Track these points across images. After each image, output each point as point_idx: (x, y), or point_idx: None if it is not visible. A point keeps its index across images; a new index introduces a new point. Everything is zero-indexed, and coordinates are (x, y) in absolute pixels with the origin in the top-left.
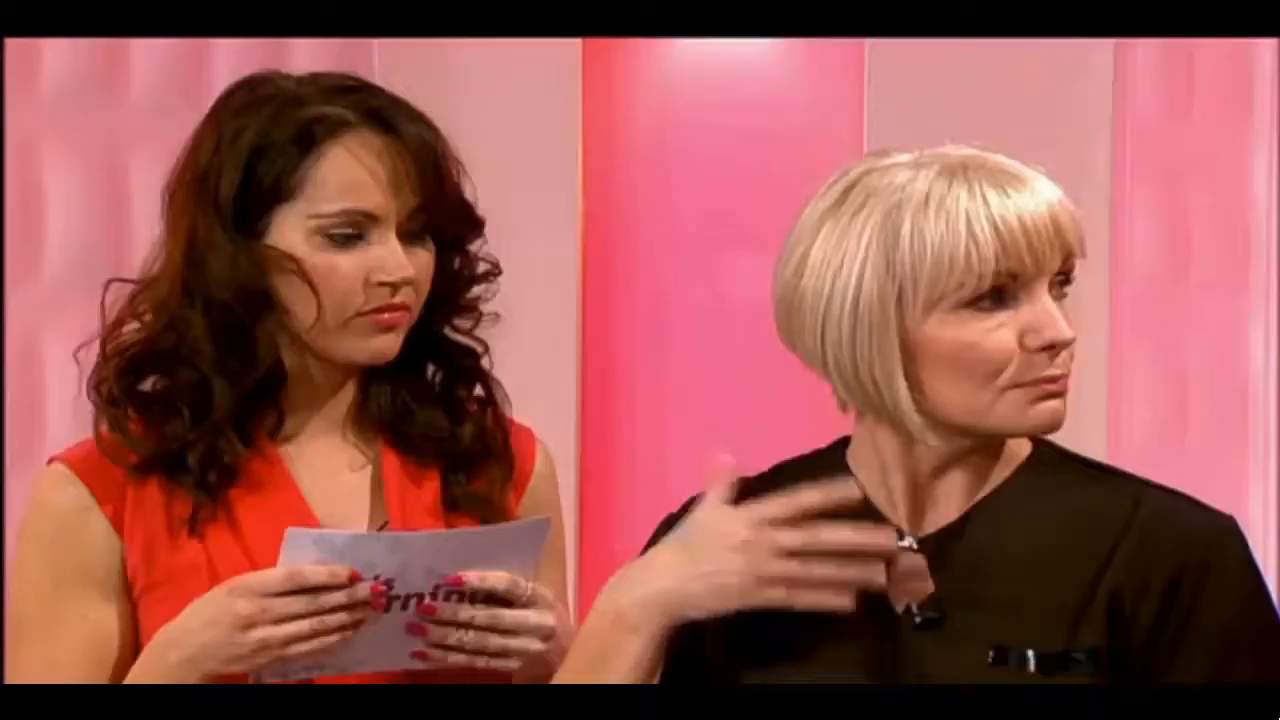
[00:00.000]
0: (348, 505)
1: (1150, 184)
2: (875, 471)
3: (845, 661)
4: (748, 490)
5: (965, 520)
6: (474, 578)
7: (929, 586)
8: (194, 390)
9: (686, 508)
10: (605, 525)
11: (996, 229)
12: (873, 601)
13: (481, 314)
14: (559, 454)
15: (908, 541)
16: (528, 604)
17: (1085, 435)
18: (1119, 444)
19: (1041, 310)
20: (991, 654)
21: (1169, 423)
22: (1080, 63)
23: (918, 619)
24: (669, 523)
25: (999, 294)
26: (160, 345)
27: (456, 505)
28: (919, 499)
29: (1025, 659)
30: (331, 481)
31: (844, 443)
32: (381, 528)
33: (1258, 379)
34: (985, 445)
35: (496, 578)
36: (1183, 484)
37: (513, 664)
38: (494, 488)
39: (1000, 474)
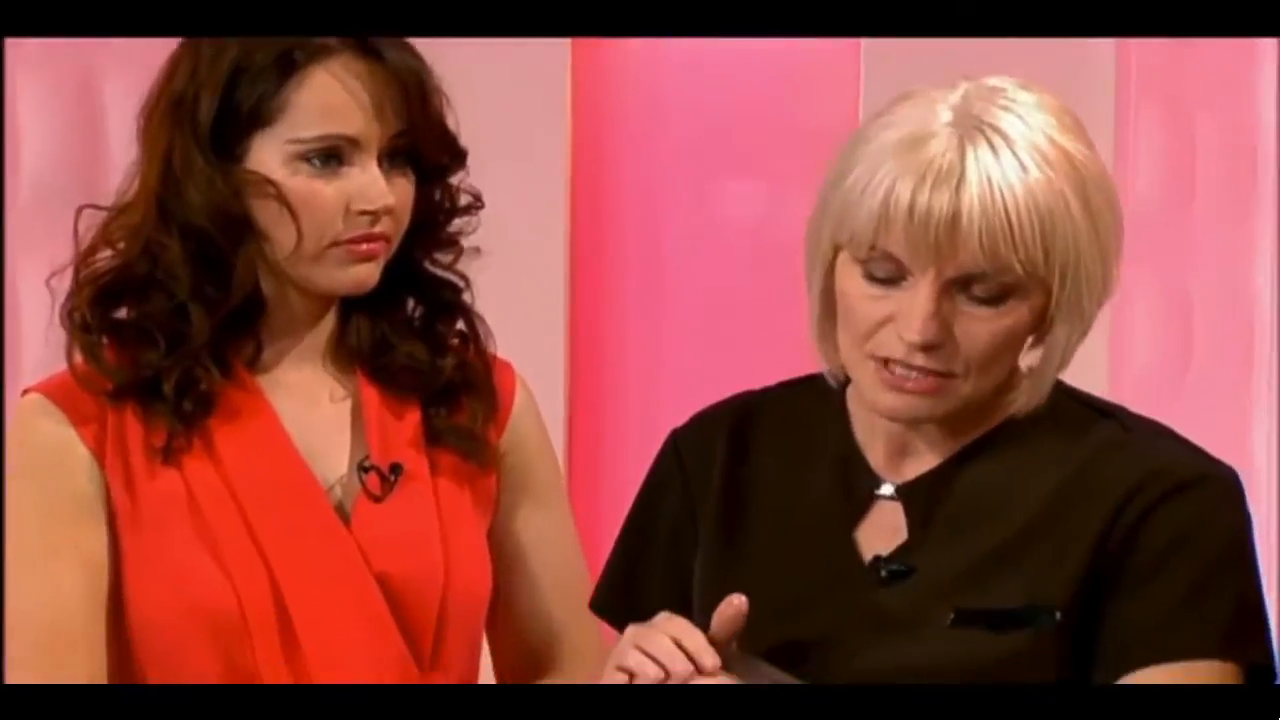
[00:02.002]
0: (327, 437)
1: (1154, 108)
2: (863, 412)
3: (807, 614)
4: (749, 406)
5: (945, 469)
6: None
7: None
8: (170, 317)
9: (693, 424)
10: (594, 462)
11: (886, 205)
12: (841, 552)
13: (462, 248)
14: (547, 390)
15: (886, 489)
16: None
17: (1085, 369)
18: (1120, 378)
19: (914, 301)
20: (953, 615)
21: (1171, 355)
22: (1081, 57)
23: (884, 572)
24: (674, 440)
25: (888, 273)
26: (135, 272)
27: (439, 438)
28: (898, 444)
29: (985, 619)
30: (311, 412)
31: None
32: (363, 461)
33: (1264, 310)
34: (966, 405)
35: None
36: (1185, 419)
37: None
38: (476, 421)
39: (987, 422)
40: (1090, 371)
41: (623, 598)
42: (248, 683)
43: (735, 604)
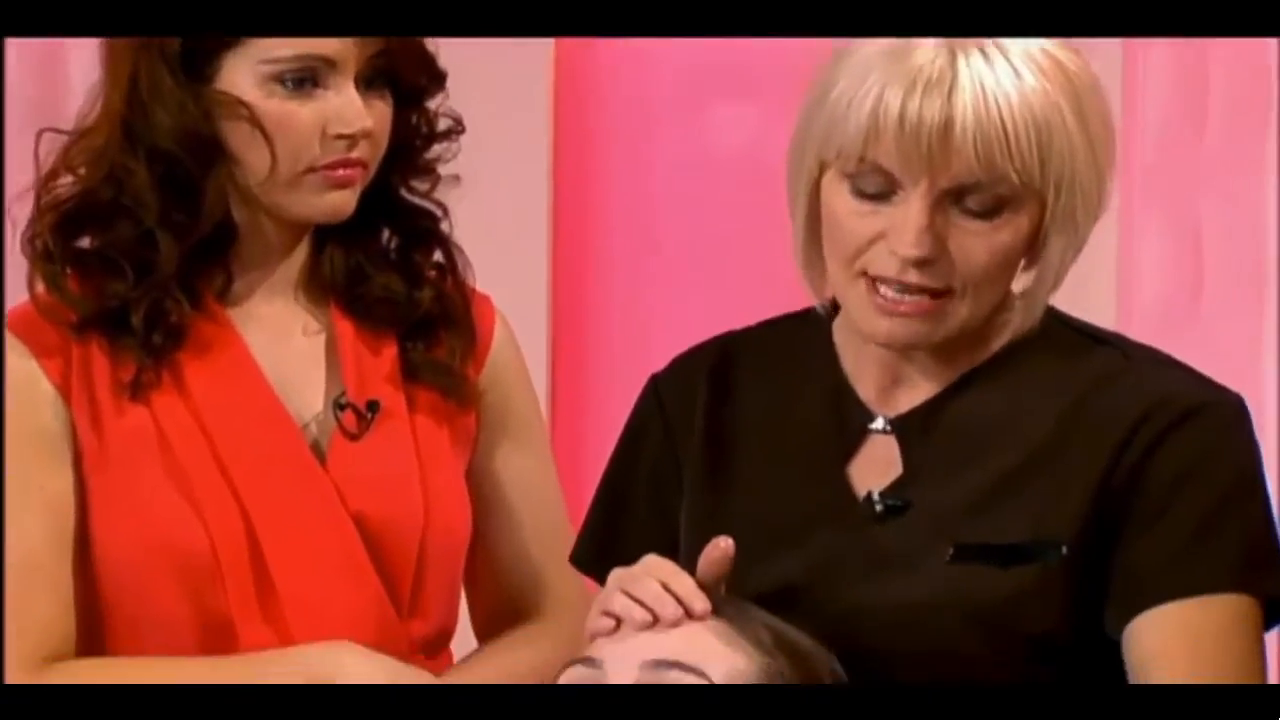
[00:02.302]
0: (301, 371)
1: (1163, 39)
2: (852, 342)
3: (799, 554)
4: (731, 345)
5: (939, 401)
6: None
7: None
8: (136, 245)
9: (673, 367)
10: (578, 402)
11: (875, 115)
12: (833, 489)
13: (440, 175)
14: (528, 325)
15: (878, 423)
16: None
17: (1092, 300)
18: (1128, 314)
19: (905, 215)
20: (952, 550)
21: (1181, 287)
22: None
23: (879, 507)
24: (654, 384)
25: (878, 187)
26: (99, 198)
27: (416, 373)
28: (891, 377)
29: (986, 555)
30: (284, 346)
31: (838, 303)
32: (339, 397)
33: (1276, 240)
34: (961, 329)
35: None
36: (1195, 350)
37: None
38: (454, 356)
39: (985, 352)
40: (1098, 303)
41: (604, 550)
42: (218, 626)
43: (722, 546)
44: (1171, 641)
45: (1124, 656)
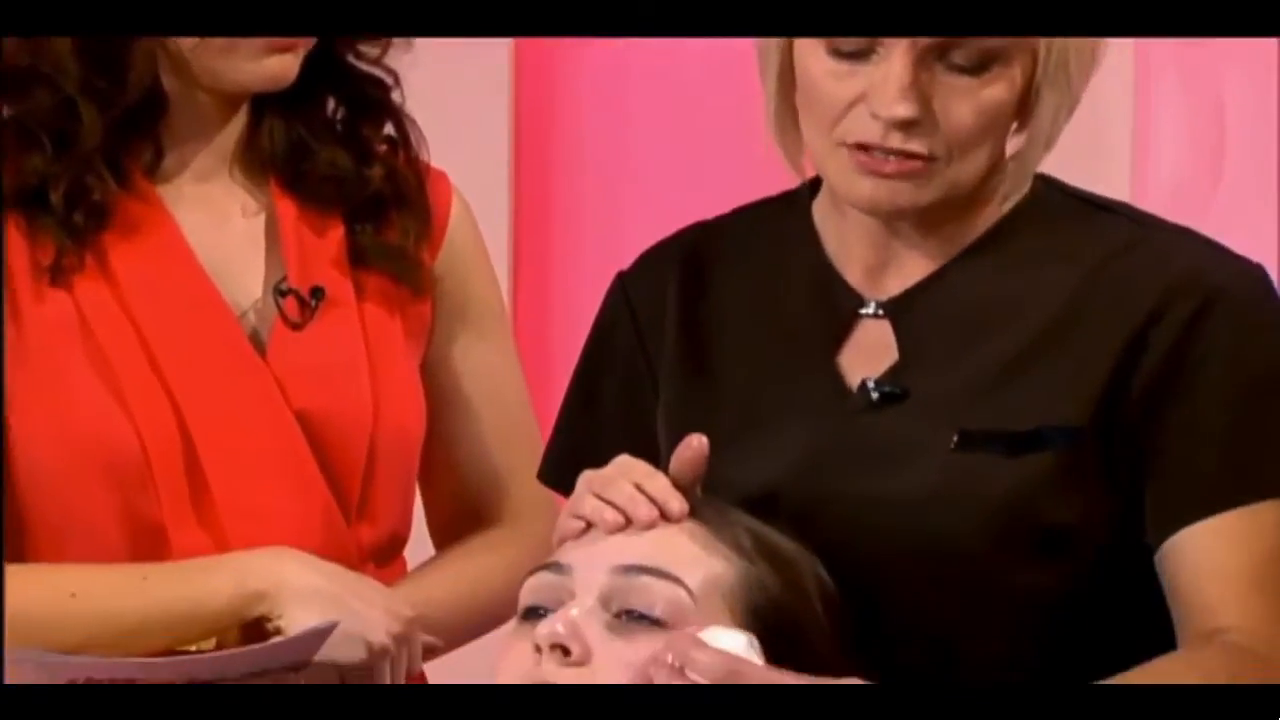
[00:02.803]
0: (238, 256)
1: None
2: (834, 223)
3: (789, 451)
4: (702, 236)
5: (935, 280)
6: None
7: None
8: (56, 115)
9: (641, 263)
10: (542, 291)
11: None
12: (823, 380)
13: (391, 40)
14: (489, 206)
15: (869, 307)
16: None
17: (1107, 182)
18: (1145, 192)
19: (887, 74)
20: (955, 438)
21: (1201, 167)
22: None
23: (875, 394)
24: (621, 283)
25: (856, 45)
26: (14, 63)
27: (364, 257)
28: (880, 257)
29: (993, 441)
30: (219, 228)
31: (816, 185)
32: (280, 283)
33: None
34: (950, 194)
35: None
36: (1214, 236)
37: None
38: (407, 238)
39: (979, 225)
40: (1111, 188)
41: (574, 464)
42: (148, 531)
43: (695, 445)
44: (1228, 558)
45: (1165, 569)
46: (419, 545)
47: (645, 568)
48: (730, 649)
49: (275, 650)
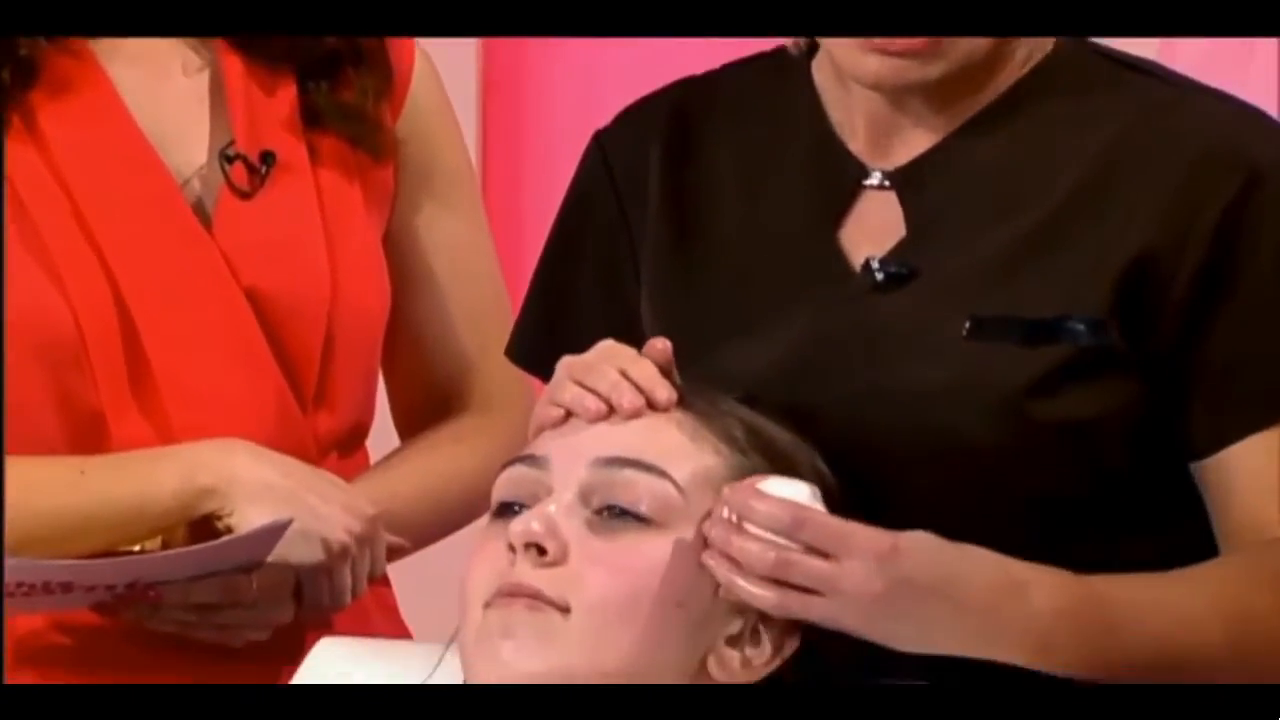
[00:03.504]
0: (180, 117)
1: None
2: (836, 85)
3: (785, 335)
4: (689, 93)
5: (947, 146)
6: (175, 596)
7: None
8: None
9: (621, 121)
10: (513, 156)
11: None
12: (823, 257)
13: None
14: (455, 64)
15: (874, 177)
16: (253, 603)
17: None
18: (1171, 54)
19: None
20: (967, 325)
21: (1233, 43)
22: None
23: (880, 275)
24: (599, 144)
25: None
26: None
27: (320, 120)
28: (887, 123)
29: (1008, 329)
30: (159, 87)
31: (813, 45)
32: (226, 148)
33: None
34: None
35: (205, 591)
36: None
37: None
38: (365, 98)
39: (997, 87)
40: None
41: (547, 342)
42: (86, 420)
43: (659, 348)
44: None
45: (1213, 482)
46: (382, 435)
47: (629, 460)
48: (792, 498)
49: (224, 550)
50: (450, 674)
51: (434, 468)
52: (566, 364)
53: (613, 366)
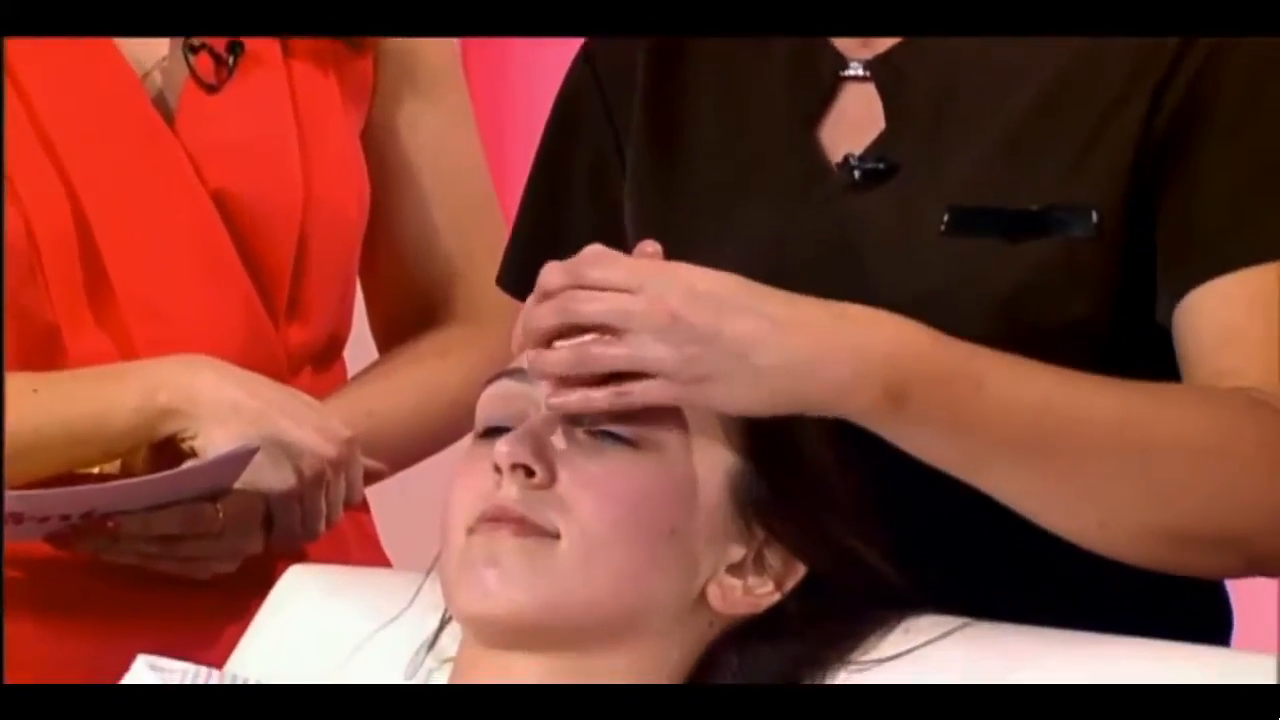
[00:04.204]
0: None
1: None
2: None
3: (765, 238)
4: None
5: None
6: (135, 526)
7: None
8: None
9: None
10: (500, 49)
11: None
12: (803, 155)
13: None
14: None
15: (853, 68)
16: (219, 533)
17: None
18: None
19: None
20: (945, 219)
21: None
22: None
23: (858, 172)
24: (586, 55)
25: None
26: None
27: None
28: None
29: (990, 223)
30: None
31: None
32: (190, 36)
33: None
34: None
35: (167, 520)
36: None
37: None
38: None
39: None
40: None
41: (539, 266)
42: (40, 334)
43: (649, 251)
44: (1247, 320)
45: (1176, 334)
46: (360, 349)
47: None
48: None
49: (188, 477)
50: (430, 605)
51: (415, 383)
52: (551, 270)
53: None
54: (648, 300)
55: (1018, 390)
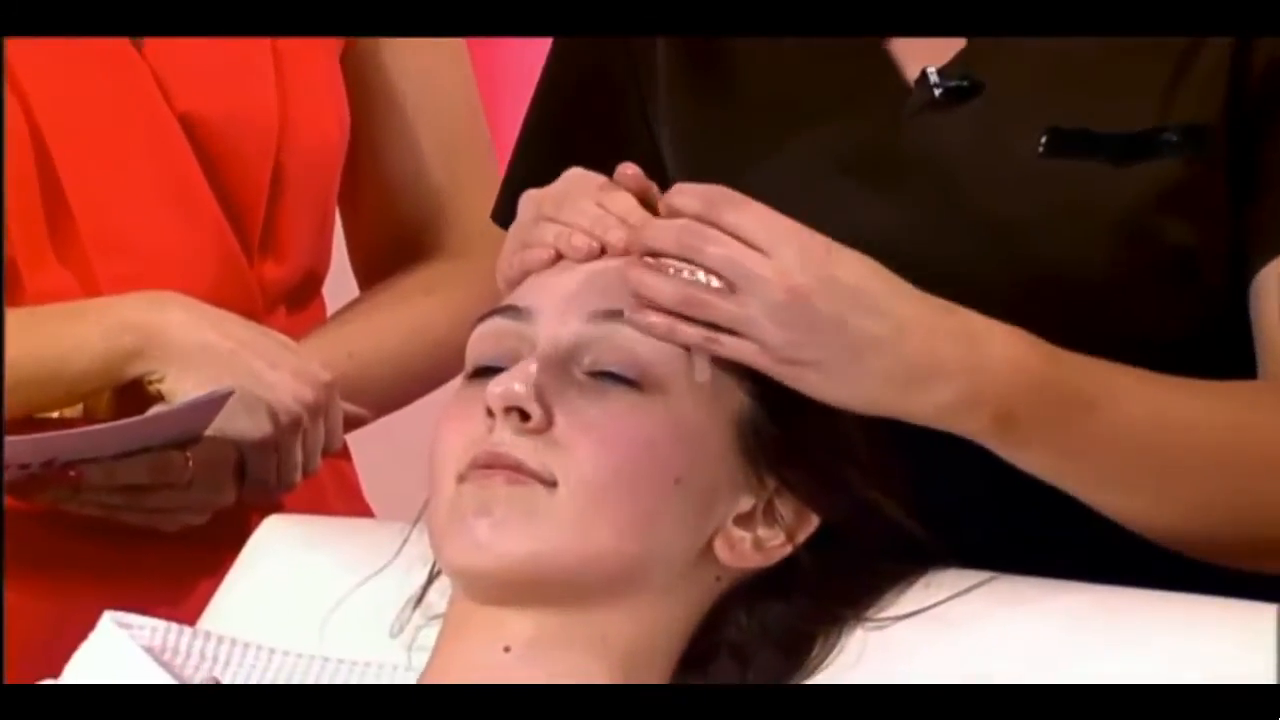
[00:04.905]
0: None
1: None
2: None
3: (834, 157)
4: None
5: None
6: (98, 476)
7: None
8: None
9: None
10: None
11: None
12: (876, 65)
13: None
14: None
15: None
16: (189, 483)
17: None
18: None
19: None
20: (1044, 139)
21: None
22: None
23: (938, 89)
24: None
25: None
26: None
27: None
28: None
29: (1093, 144)
30: None
31: None
32: None
33: None
34: None
35: (132, 470)
36: None
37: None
38: None
39: None
40: None
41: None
42: None
43: (630, 174)
44: None
45: (1251, 305)
46: (339, 285)
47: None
48: None
49: (155, 423)
50: (417, 558)
51: (399, 323)
52: (534, 199)
53: (588, 199)
54: (774, 269)
55: (1130, 409)
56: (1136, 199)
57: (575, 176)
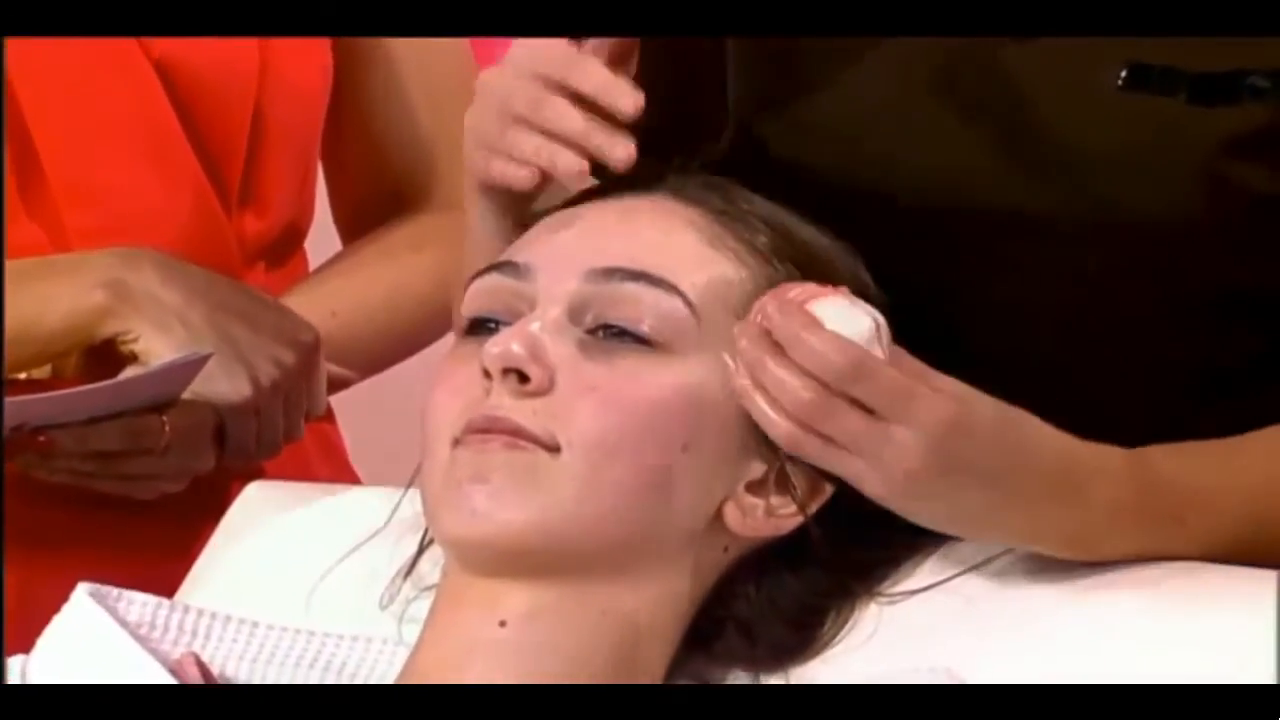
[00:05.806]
0: None
1: None
2: None
3: (892, 80)
4: None
5: None
6: (69, 442)
7: None
8: None
9: None
10: None
11: None
12: None
13: None
14: None
15: None
16: (165, 449)
17: None
18: None
19: None
20: (1124, 74)
21: None
22: None
23: None
24: None
25: None
26: None
27: None
28: None
29: (1175, 81)
30: None
31: None
32: None
33: None
34: None
35: (106, 435)
36: None
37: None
38: None
39: None
40: None
41: None
42: None
43: (595, 43)
44: None
45: None
46: (322, 240)
47: (632, 272)
48: (853, 337)
49: (130, 386)
50: (408, 526)
51: (385, 280)
52: (495, 88)
53: (560, 95)
54: (896, 449)
55: (1220, 506)
56: (1218, 142)
57: (538, 48)
